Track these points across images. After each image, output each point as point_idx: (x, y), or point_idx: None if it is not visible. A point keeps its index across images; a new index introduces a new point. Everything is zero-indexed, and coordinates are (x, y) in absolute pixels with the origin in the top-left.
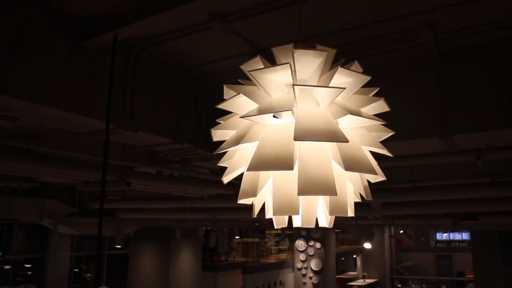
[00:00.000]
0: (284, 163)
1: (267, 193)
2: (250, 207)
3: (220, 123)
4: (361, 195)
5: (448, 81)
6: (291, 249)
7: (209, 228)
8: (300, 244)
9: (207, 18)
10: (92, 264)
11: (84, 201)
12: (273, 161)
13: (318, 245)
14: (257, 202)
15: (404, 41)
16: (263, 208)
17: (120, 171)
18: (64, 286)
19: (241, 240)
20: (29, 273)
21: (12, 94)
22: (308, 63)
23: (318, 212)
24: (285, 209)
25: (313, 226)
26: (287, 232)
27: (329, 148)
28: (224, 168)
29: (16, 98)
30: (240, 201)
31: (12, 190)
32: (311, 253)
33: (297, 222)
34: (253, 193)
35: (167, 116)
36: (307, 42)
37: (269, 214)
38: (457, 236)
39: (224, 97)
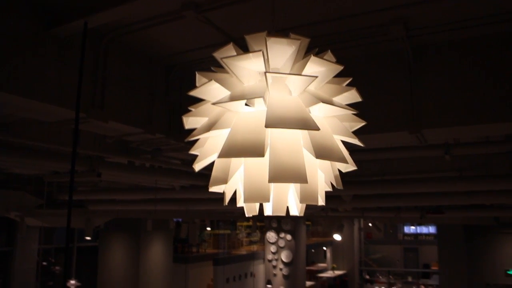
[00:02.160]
0: (255, 150)
1: (238, 181)
2: (221, 198)
3: (192, 110)
4: (332, 184)
5: (419, 76)
6: (262, 241)
7: (180, 220)
8: (271, 236)
9: (180, 7)
10: (61, 257)
11: (53, 193)
12: (244, 148)
13: (288, 237)
14: (228, 190)
15: (377, 36)
16: (234, 200)
17: (90, 162)
18: (31, 280)
19: (212, 232)
20: None
21: None
22: (281, 51)
23: (289, 200)
24: (256, 196)
25: (283, 214)
26: (258, 224)
27: (300, 136)
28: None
29: None
30: (212, 189)
31: None
32: (282, 245)
33: (268, 210)
34: (224, 180)
35: (139, 106)
36: (281, 33)
37: (240, 202)
38: (424, 229)
39: (197, 85)
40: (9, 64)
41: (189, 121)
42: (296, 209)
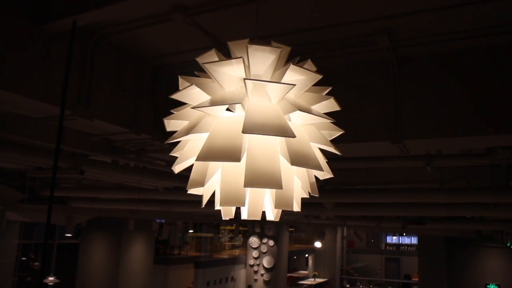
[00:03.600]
0: (231, 154)
1: (216, 184)
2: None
3: (174, 113)
4: (310, 192)
5: (403, 87)
6: (245, 245)
7: (163, 221)
8: (253, 241)
9: (168, 9)
10: (41, 253)
11: (35, 188)
12: (221, 152)
13: (271, 242)
14: (205, 193)
15: (361, 46)
16: (213, 202)
17: (74, 159)
18: (9, 274)
19: (195, 234)
20: None
21: None
22: (262, 58)
23: (265, 205)
24: (231, 200)
25: (259, 218)
26: (241, 228)
27: (277, 143)
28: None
29: None
30: (190, 191)
31: None
32: (264, 251)
33: (243, 214)
34: (201, 183)
35: (125, 105)
36: (266, 40)
37: (217, 206)
38: (406, 240)
39: (180, 88)
40: None
41: (171, 124)
42: (272, 214)
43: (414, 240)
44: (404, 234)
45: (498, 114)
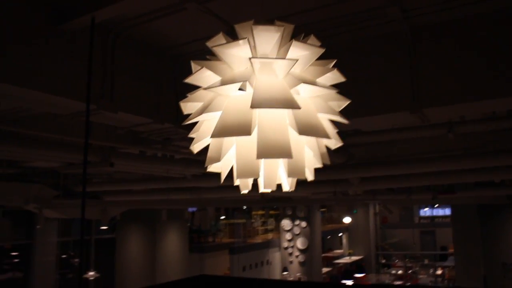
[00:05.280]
0: (243, 129)
1: (231, 159)
2: (231, 186)
3: (188, 96)
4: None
5: (418, 56)
6: (278, 228)
7: (194, 210)
8: (286, 223)
9: None
10: (80, 249)
11: (68, 185)
12: (233, 128)
13: (303, 224)
14: (223, 169)
15: (372, 19)
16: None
17: (102, 152)
18: (51, 272)
19: (227, 221)
20: (16, 260)
21: None
22: (268, 38)
23: (281, 177)
24: (246, 172)
25: (274, 188)
26: (273, 212)
27: (286, 116)
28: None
29: None
30: (209, 169)
31: None
32: (297, 232)
33: (260, 186)
34: (218, 159)
35: (147, 96)
36: (280, 21)
37: (236, 181)
38: (440, 211)
39: (193, 73)
40: (21, 58)
41: (187, 107)
42: (287, 185)
43: (448, 211)
44: (437, 205)
45: None
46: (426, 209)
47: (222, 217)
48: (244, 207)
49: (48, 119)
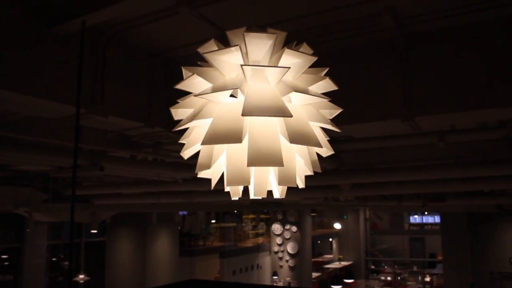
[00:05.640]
0: (233, 136)
1: (223, 167)
2: (222, 190)
3: (179, 102)
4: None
5: (411, 64)
6: (268, 233)
7: (185, 213)
8: (276, 228)
9: (174, 2)
10: (69, 252)
11: (58, 188)
12: (224, 135)
13: (294, 228)
14: (213, 175)
15: (366, 26)
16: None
17: (93, 156)
18: (41, 275)
19: (218, 225)
20: (6, 263)
21: None
22: (259, 45)
23: (272, 184)
24: (237, 180)
25: (264, 196)
26: (263, 216)
27: (277, 124)
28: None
29: None
30: (199, 175)
31: None
32: (288, 237)
33: (250, 193)
34: (208, 166)
35: (138, 100)
36: (272, 27)
37: (227, 187)
38: (429, 219)
39: (184, 79)
40: (9, 62)
41: (178, 113)
42: (277, 192)
43: (437, 219)
44: (427, 213)
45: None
46: (416, 216)
47: (213, 221)
48: (235, 211)
49: (37, 123)
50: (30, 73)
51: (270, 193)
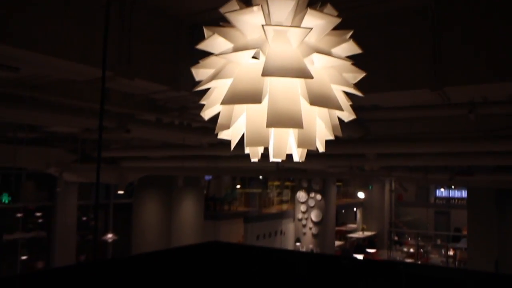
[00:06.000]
0: (253, 97)
1: (243, 128)
2: (247, 156)
3: (200, 63)
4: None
5: (442, 33)
6: (293, 200)
7: (210, 178)
8: (301, 195)
9: None
10: (99, 213)
11: (87, 150)
12: (243, 95)
13: (318, 196)
14: (233, 136)
15: None
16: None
17: (119, 118)
18: (72, 233)
19: (243, 190)
20: (40, 221)
21: (11, 43)
22: (282, 5)
23: (292, 147)
24: (256, 141)
25: (283, 158)
26: (289, 183)
27: (298, 86)
28: None
29: (16, 47)
30: (220, 136)
31: (18, 140)
32: (312, 205)
33: (270, 155)
34: (228, 126)
35: (164, 64)
36: None
37: (246, 149)
38: (456, 193)
39: (205, 39)
40: (40, 26)
41: (199, 73)
42: (297, 155)
43: (464, 194)
44: (453, 187)
45: None
46: (443, 189)
47: (238, 186)
48: (260, 177)
49: (66, 85)
50: (58, 36)
51: (291, 158)
